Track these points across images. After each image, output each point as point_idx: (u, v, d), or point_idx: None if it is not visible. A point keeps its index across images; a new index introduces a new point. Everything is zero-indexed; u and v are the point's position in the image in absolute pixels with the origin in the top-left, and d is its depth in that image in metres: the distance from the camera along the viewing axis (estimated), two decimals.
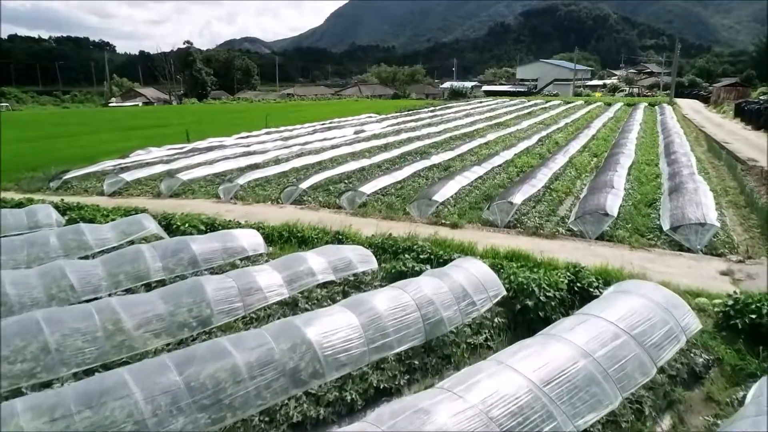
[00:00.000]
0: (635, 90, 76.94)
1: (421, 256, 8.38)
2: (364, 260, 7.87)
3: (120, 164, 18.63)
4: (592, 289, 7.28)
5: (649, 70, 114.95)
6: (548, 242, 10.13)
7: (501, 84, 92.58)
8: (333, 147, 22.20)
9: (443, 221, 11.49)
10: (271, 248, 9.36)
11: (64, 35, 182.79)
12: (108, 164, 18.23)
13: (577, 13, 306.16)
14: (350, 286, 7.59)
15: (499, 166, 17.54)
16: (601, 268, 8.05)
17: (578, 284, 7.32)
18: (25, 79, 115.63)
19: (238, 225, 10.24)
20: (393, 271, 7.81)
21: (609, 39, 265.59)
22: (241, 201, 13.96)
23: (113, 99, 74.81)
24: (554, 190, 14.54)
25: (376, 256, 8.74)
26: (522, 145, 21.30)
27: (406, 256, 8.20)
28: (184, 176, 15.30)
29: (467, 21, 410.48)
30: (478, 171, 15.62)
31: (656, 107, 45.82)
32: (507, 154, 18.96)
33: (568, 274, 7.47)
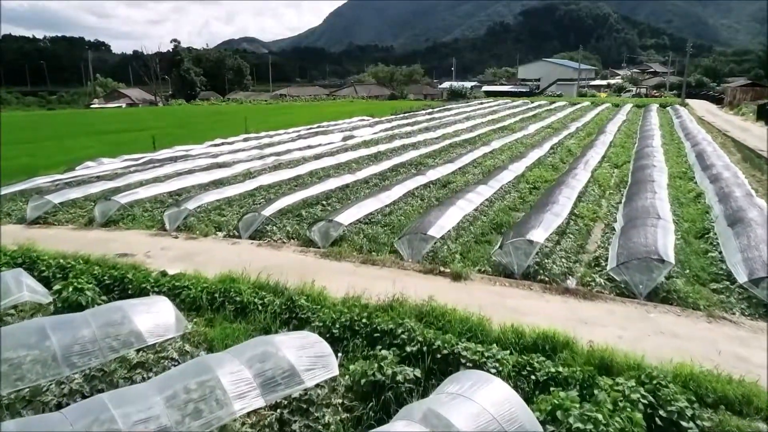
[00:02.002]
0: (642, 90, 74.01)
1: (408, 348, 5.53)
2: (316, 363, 5.00)
3: (60, 180, 15.75)
4: (684, 423, 4.45)
5: (652, 70, 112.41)
6: (588, 306, 7.27)
7: (502, 84, 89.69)
8: (316, 157, 19.33)
9: (442, 268, 8.63)
10: (192, 323, 6.49)
11: (59, 35, 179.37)
12: (43, 180, 15.34)
13: (577, 13, 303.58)
14: (292, 411, 4.74)
15: (509, 182, 14.69)
16: (686, 371, 5.20)
17: (661, 413, 4.49)
18: (16, 79, 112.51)
19: (155, 285, 7.35)
20: (363, 381, 4.96)
21: (609, 38, 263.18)
22: (188, 232, 11.07)
23: (96, 100, 71.60)
24: (579, 216, 11.71)
25: (342, 341, 5.92)
26: (533, 155, 18.44)
27: (384, 352, 5.33)
28: (123, 198, 12.41)
29: (466, 21, 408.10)
30: (485, 191, 12.76)
31: (668, 109, 43.08)
32: (517, 167, 16.11)
33: (642, 391, 4.64)
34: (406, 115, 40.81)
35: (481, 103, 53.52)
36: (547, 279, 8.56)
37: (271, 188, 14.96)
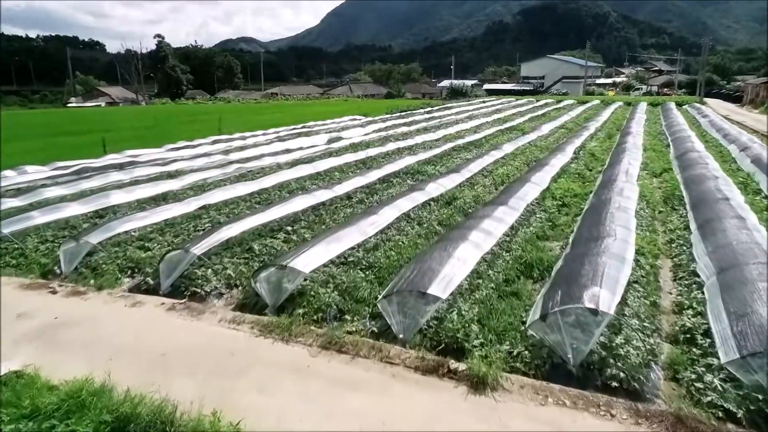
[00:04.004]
0: (654, 88, 70.72)
1: None
2: None
3: None
4: None
5: (657, 68, 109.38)
6: None
7: (503, 82, 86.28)
8: (291, 164, 15.95)
9: (452, 364, 5.22)
10: None
11: (53, 34, 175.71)
12: None
13: (576, 12, 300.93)
14: None
15: (534, 200, 11.31)
16: None
17: None
18: (6, 79, 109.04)
19: None
20: None
21: (609, 37, 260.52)
22: (78, 281, 7.62)
23: (73, 99, 67.89)
24: (640, 253, 8.31)
25: None
26: (556, 162, 15.05)
27: None
28: (8, 227, 9.00)
29: (465, 21, 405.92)
30: (506, 216, 9.37)
31: (687, 107, 39.79)
32: (539, 178, 12.73)
33: None
34: (402, 114, 37.39)
35: (484, 102, 50.18)
36: (623, 375, 5.22)
37: (225, 206, 11.57)
